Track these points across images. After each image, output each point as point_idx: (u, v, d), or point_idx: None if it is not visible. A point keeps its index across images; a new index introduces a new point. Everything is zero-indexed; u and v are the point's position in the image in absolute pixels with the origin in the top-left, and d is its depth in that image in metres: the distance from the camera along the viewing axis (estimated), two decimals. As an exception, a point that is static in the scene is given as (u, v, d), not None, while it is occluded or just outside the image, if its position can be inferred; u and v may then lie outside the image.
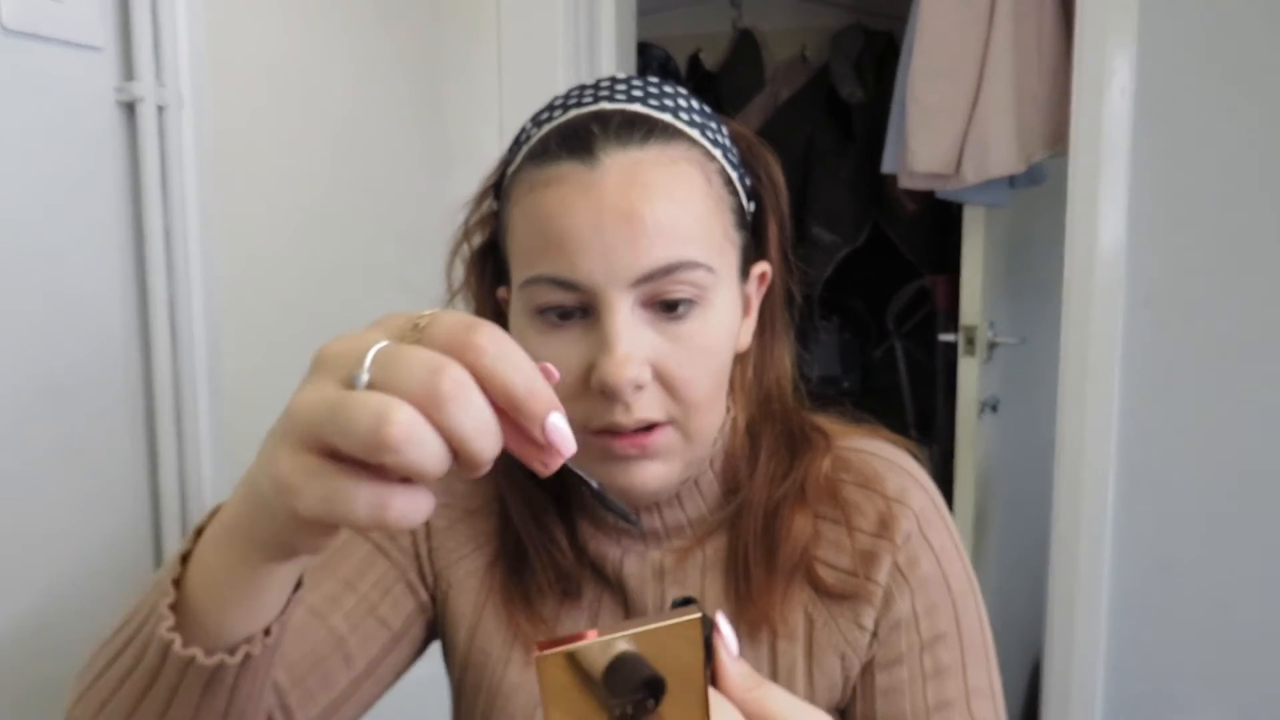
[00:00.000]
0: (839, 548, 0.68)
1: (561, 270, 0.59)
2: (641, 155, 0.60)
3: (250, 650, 0.48)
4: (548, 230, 0.60)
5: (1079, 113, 1.53)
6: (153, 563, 1.03)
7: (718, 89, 2.97)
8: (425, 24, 1.58)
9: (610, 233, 0.58)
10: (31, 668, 0.90)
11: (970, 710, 0.67)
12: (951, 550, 0.70)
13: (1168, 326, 1.53)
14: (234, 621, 0.48)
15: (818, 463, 0.70)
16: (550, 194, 0.60)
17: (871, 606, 0.67)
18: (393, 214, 1.46)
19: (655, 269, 0.59)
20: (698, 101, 0.68)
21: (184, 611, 0.48)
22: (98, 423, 0.97)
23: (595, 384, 0.59)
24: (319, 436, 0.37)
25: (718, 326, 0.63)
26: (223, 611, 0.47)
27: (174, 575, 0.48)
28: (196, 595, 0.48)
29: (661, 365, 0.60)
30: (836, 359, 2.77)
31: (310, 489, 0.38)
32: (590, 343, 0.60)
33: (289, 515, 0.39)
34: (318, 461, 0.38)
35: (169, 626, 0.47)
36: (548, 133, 0.63)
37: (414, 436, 0.35)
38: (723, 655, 0.46)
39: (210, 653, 0.48)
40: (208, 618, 0.48)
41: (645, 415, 0.60)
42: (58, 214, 0.92)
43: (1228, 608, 1.54)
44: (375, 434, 0.35)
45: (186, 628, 0.48)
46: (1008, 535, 2.25)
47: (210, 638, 0.48)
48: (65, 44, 0.92)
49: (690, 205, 0.61)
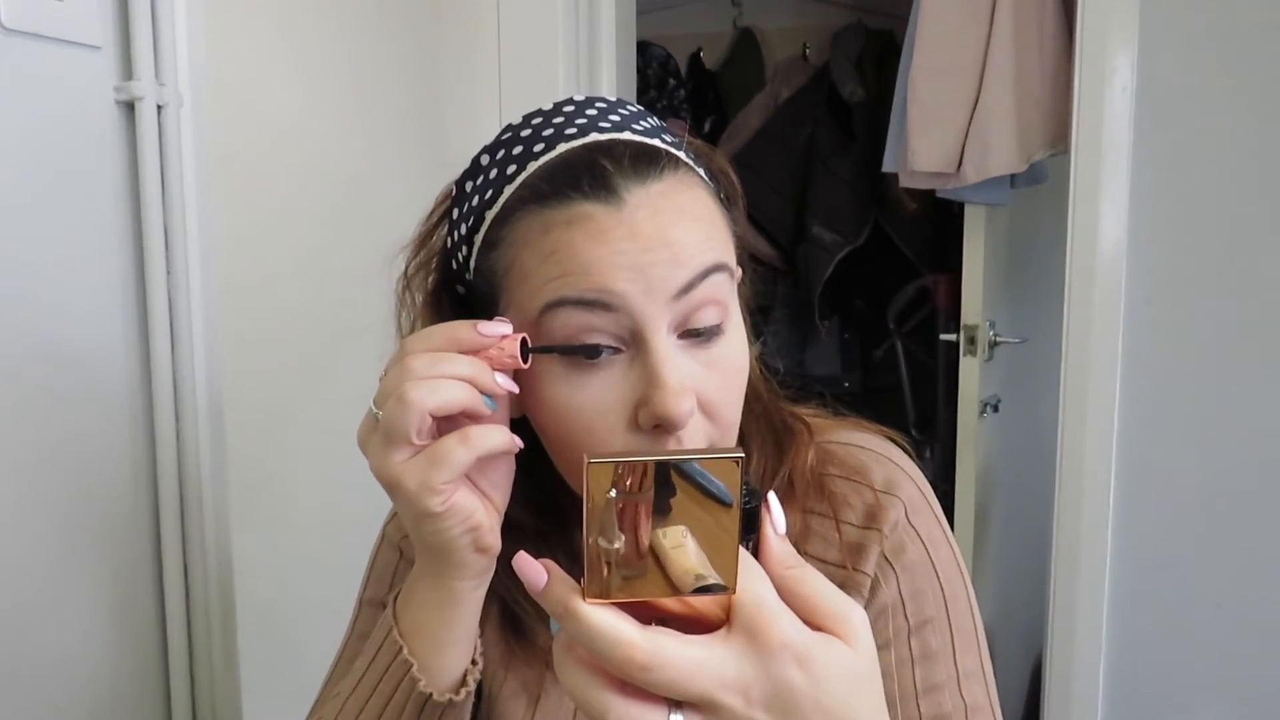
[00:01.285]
0: (827, 541, 0.68)
1: (591, 289, 0.56)
2: (662, 186, 0.59)
3: (469, 683, 0.62)
4: (571, 259, 0.56)
5: (1080, 112, 1.53)
6: (152, 565, 1.03)
7: (718, 88, 2.97)
8: (425, 24, 1.58)
9: (645, 255, 0.56)
10: (30, 669, 0.90)
11: (961, 693, 0.67)
12: (940, 537, 0.70)
13: (1168, 326, 1.53)
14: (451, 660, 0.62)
15: (803, 454, 0.70)
16: (576, 231, 0.57)
17: (860, 596, 0.67)
18: (392, 213, 1.45)
19: (693, 277, 0.57)
20: (656, 119, 0.67)
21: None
22: (96, 424, 0.97)
23: (647, 421, 0.57)
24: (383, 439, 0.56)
25: (741, 344, 0.62)
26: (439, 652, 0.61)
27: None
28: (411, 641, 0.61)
29: (702, 392, 0.59)
30: (837, 359, 2.77)
31: (410, 469, 0.55)
32: (631, 380, 0.57)
33: (424, 513, 0.56)
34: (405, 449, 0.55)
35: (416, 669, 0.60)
36: (543, 171, 0.60)
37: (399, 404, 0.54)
38: (768, 529, 0.47)
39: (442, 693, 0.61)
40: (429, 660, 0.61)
41: (693, 448, 0.59)
42: (56, 213, 0.92)
43: (1228, 608, 1.54)
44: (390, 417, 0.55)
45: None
46: (1008, 535, 2.25)
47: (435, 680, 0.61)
48: (65, 43, 0.92)
49: (711, 220, 0.61)
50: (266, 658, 1.19)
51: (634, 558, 0.42)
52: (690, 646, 0.42)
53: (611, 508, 0.42)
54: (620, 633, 0.42)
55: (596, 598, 0.43)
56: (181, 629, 1.04)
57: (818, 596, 0.45)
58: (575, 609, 0.43)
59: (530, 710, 0.70)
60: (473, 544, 0.58)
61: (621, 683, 0.43)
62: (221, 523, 1.08)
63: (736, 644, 0.43)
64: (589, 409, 0.58)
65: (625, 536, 0.42)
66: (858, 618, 0.46)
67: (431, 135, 1.58)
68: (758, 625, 0.43)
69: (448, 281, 0.68)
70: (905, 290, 2.60)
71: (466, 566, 0.59)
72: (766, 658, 0.42)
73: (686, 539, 0.42)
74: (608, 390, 0.58)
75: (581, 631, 0.42)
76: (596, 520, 0.42)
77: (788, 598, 0.45)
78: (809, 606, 0.45)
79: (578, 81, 1.68)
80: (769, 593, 0.44)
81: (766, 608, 0.43)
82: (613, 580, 0.42)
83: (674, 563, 0.42)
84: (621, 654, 0.41)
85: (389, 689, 0.61)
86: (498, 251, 0.61)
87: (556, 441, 0.61)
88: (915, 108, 1.81)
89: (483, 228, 0.62)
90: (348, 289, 1.34)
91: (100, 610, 0.96)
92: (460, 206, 0.65)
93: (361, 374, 0.70)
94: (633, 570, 0.43)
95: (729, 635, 0.43)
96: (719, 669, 0.42)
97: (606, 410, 0.58)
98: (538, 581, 0.44)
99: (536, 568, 0.45)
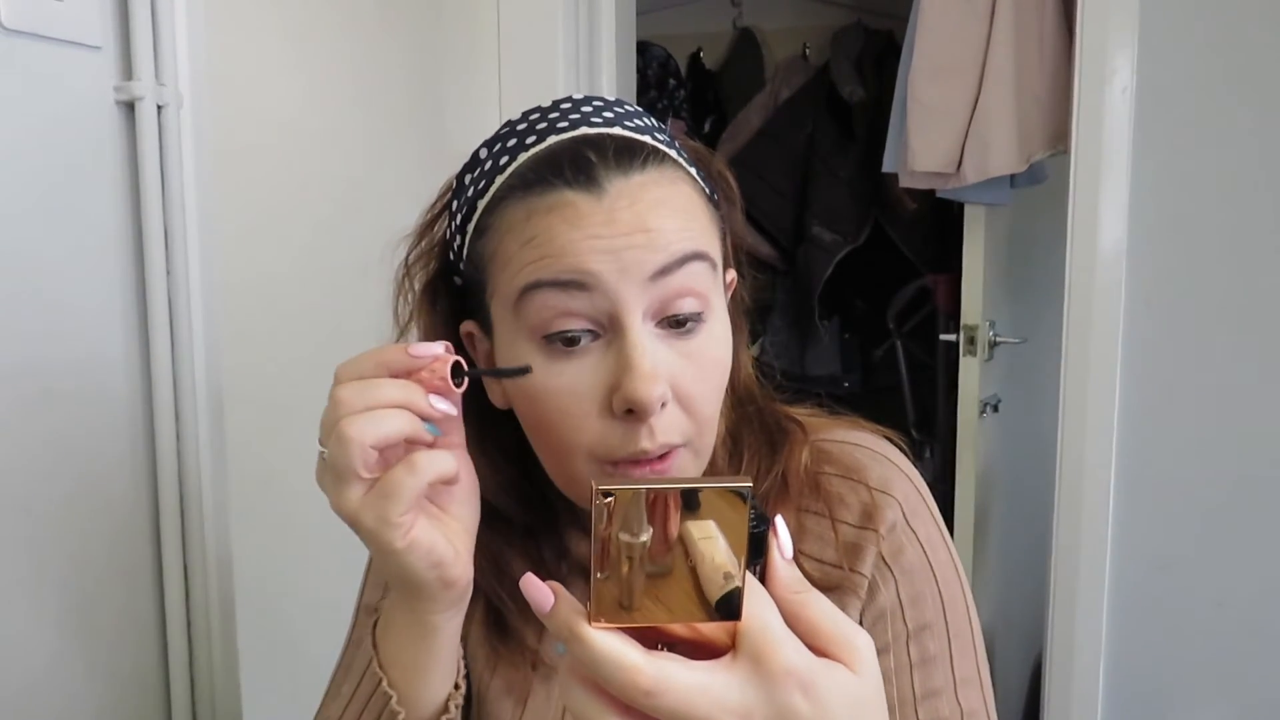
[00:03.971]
0: (823, 540, 0.68)
1: (566, 270, 0.57)
2: (644, 179, 0.59)
3: (451, 710, 0.63)
4: (549, 242, 0.57)
5: (1080, 112, 1.53)
6: (152, 567, 1.03)
7: (718, 88, 2.97)
8: (425, 24, 1.58)
9: (622, 240, 0.57)
10: (29, 669, 0.90)
11: (958, 699, 0.67)
12: (937, 539, 0.69)
13: (1168, 326, 1.53)
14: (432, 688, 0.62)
15: (797, 454, 0.69)
16: (555, 217, 0.58)
17: (857, 598, 0.67)
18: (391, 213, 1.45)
19: (669, 262, 0.58)
20: (653, 119, 0.67)
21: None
22: (96, 424, 0.97)
23: (620, 405, 0.57)
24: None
25: (722, 338, 0.63)
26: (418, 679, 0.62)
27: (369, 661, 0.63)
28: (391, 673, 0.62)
29: (677, 383, 0.59)
30: (837, 359, 2.76)
31: (365, 506, 0.54)
32: (607, 365, 0.58)
33: (386, 549, 0.55)
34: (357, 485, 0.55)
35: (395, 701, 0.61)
36: (532, 161, 0.61)
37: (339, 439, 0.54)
38: (775, 555, 0.47)
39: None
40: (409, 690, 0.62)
41: (667, 439, 0.59)
42: (56, 213, 0.92)
43: (1227, 607, 1.54)
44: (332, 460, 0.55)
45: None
46: (1008, 535, 2.25)
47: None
48: (64, 43, 0.92)
49: (692, 213, 0.61)
50: (266, 658, 1.19)
51: (661, 551, 0.42)
52: (694, 672, 0.42)
53: (616, 532, 0.42)
54: (625, 657, 0.42)
55: (602, 621, 0.43)
56: (181, 629, 1.03)
57: (823, 622, 0.45)
58: (581, 633, 0.43)
59: (519, 710, 0.70)
60: (439, 580, 0.58)
61: (626, 707, 0.43)
62: (221, 523, 1.08)
63: (741, 670, 0.43)
64: (564, 393, 0.58)
65: (653, 530, 0.42)
66: (863, 643, 0.46)
67: (431, 135, 1.58)
68: (762, 651, 0.43)
69: (445, 272, 0.69)
70: (905, 290, 2.60)
71: (436, 600, 0.59)
72: (770, 684, 0.42)
73: (717, 533, 0.42)
74: (583, 375, 0.58)
75: (586, 655, 0.42)
76: (601, 544, 0.42)
77: (793, 623, 0.45)
78: (814, 632, 0.45)
79: (578, 81, 1.68)
80: (774, 618, 0.44)
81: (771, 633, 0.43)
82: (634, 582, 0.42)
83: (704, 556, 0.42)
84: (626, 679, 0.42)
85: (371, 718, 0.62)
86: (484, 239, 0.62)
87: (534, 427, 0.62)
88: (915, 108, 1.81)
89: (475, 216, 0.63)
90: (348, 288, 1.34)
91: (100, 610, 0.96)
92: (458, 198, 0.66)
93: (361, 374, 0.70)
94: (658, 566, 0.42)
95: (733, 661, 0.43)
96: (722, 695, 0.42)
97: (581, 395, 0.58)
98: (544, 604, 0.45)
99: (544, 590, 0.45)
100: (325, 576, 1.25)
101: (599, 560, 0.42)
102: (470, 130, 1.62)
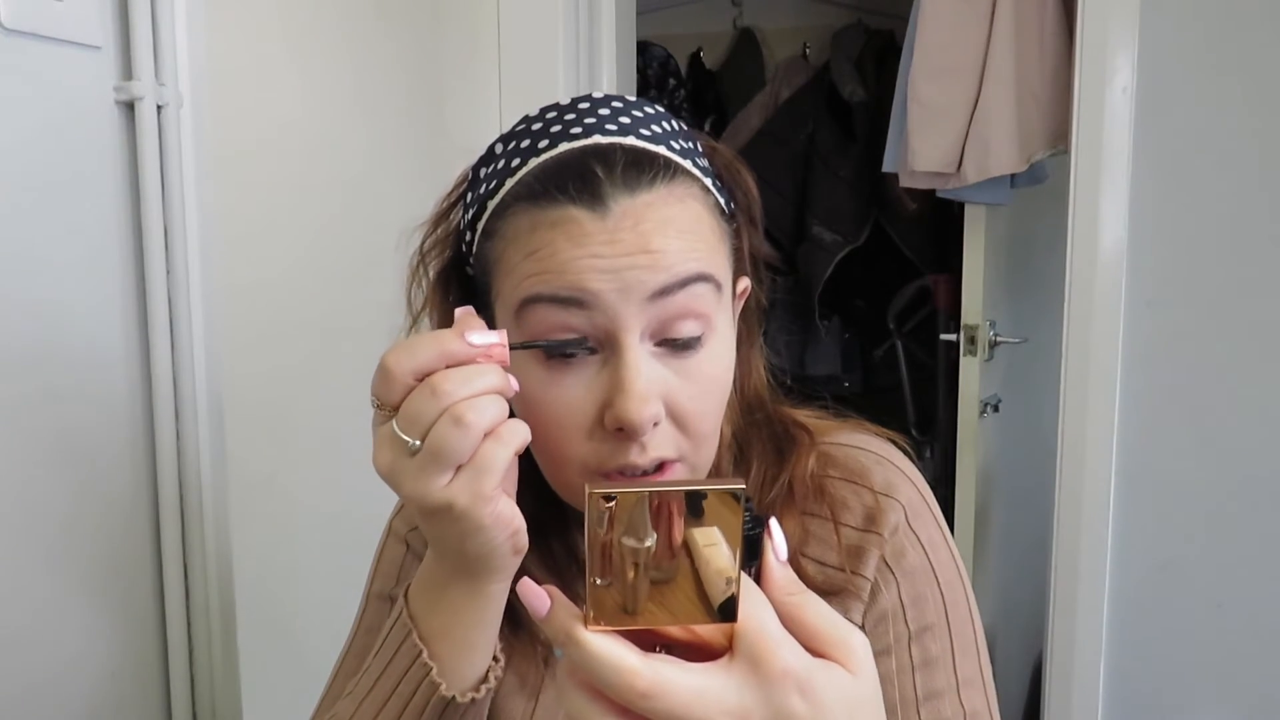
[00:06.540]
0: (826, 544, 0.68)
1: (565, 287, 0.57)
2: (651, 198, 0.59)
3: (490, 680, 0.62)
4: (551, 257, 0.57)
5: (1080, 112, 1.53)
6: (152, 567, 1.03)
7: (718, 88, 2.97)
8: (425, 24, 1.58)
9: (624, 260, 0.57)
10: (30, 669, 0.90)
11: (961, 700, 0.67)
12: (940, 542, 0.70)
13: (1169, 326, 1.53)
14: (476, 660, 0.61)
15: (803, 461, 0.70)
16: (558, 233, 0.58)
17: (859, 601, 0.67)
18: (391, 213, 1.45)
19: (671, 283, 0.58)
20: (676, 122, 0.66)
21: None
22: (96, 424, 0.97)
23: (611, 423, 0.58)
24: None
25: (724, 355, 0.62)
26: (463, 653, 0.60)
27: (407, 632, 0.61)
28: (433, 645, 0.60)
29: (672, 401, 0.59)
30: (837, 359, 2.76)
31: (459, 487, 0.53)
32: (602, 383, 0.58)
33: (475, 526, 0.54)
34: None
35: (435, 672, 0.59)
36: (540, 169, 0.61)
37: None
38: (770, 557, 0.47)
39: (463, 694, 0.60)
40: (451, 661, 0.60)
41: (659, 454, 0.59)
42: (56, 213, 0.92)
43: (1228, 608, 1.54)
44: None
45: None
46: (1008, 535, 2.25)
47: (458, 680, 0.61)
48: (64, 43, 0.92)
49: (699, 233, 0.61)
50: (266, 658, 1.19)
51: (666, 557, 0.42)
52: (691, 675, 0.42)
53: (611, 536, 0.42)
54: (622, 660, 0.42)
55: (598, 625, 0.43)
56: (181, 629, 1.04)
57: (819, 623, 0.45)
58: (577, 636, 0.43)
59: (531, 704, 0.71)
60: (514, 547, 0.57)
61: (624, 710, 0.43)
62: (221, 523, 1.08)
63: (738, 672, 0.43)
64: (559, 405, 0.59)
65: (657, 535, 0.42)
66: (859, 643, 0.46)
67: (431, 135, 1.58)
68: (759, 653, 0.43)
69: (457, 262, 0.69)
70: (905, 290, 2.60)
71: (505, 570, 0.59)
72: (768, 686, 0.43)
73: (720, 539, 0.42)
74: (578, 389, 0.59)
75: (583, 658, 0.43)
76: (597, 547, 0.42)
77: (789, 624, 0.45)
78: (810, 633, 0.45)
79: (578, 81, 1.68)
80: (771, 620, 0.44)
81: (768, 635, 0.43)
82: (636, 585, 0.43)
83: (707, 561, 0.43)
84: (623, 681, 0.42)
85: (408, 691, 0.61)
86: (491, 242, 0.62)
87: (531, 434, 0.62)
88: (915, 108, 1.81)
89: (484, 217, 0.63)
90: (348, 289, 1.34)
91: (100, 610, 0.96)
92: (473, 190, 0.66)
93: (361, 373, 0.70)
94: (660, 570, 0.43)
95: (730, 663, 0.43)
96: (720, 697, 0.42)
97: (575, 409, 0.59)
98: (540, 608, 0.45)
99: (540, 594, 0.45)
100: (325, 576, 1.25)
101: (595, 564, 0.42)
102: (470, 130, 1.62)
